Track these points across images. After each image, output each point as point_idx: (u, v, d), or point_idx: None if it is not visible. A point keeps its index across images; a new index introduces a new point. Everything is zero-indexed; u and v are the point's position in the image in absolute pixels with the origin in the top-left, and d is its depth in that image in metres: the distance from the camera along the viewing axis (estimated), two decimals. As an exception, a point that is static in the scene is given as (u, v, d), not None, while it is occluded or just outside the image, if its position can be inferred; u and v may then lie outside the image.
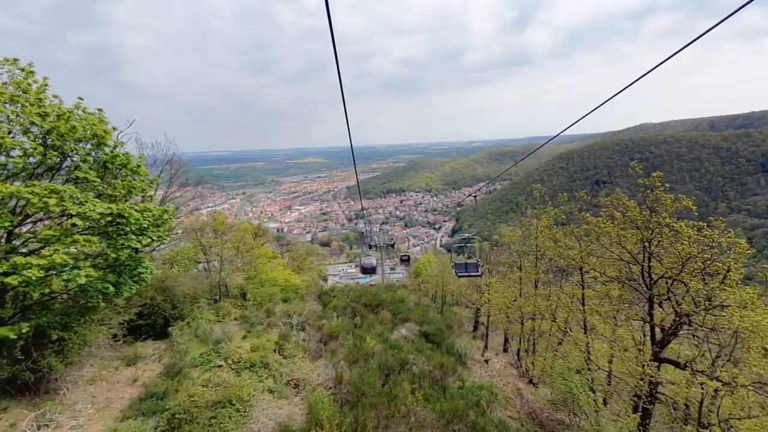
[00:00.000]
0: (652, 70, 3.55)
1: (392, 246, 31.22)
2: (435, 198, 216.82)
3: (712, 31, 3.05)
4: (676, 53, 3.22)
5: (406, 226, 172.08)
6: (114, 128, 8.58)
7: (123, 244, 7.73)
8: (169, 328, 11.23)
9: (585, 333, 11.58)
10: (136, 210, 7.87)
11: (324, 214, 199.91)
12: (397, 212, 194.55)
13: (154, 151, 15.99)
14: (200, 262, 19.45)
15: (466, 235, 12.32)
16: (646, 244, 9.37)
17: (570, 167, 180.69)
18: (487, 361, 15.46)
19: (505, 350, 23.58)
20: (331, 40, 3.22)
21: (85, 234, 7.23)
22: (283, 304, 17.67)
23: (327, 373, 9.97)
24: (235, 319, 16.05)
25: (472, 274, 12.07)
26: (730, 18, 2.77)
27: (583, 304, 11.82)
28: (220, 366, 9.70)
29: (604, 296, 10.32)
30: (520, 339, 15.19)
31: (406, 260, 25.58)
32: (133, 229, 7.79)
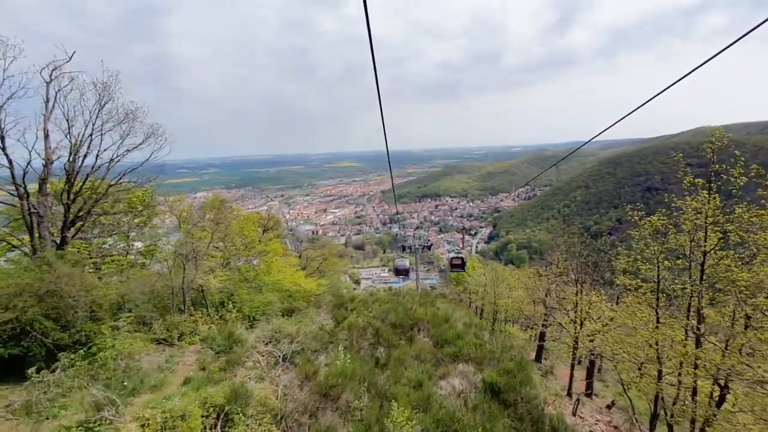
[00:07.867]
0: (700, 66, 3.22)
1: (429, 248, 25.79)
2: (471, 203, 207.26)
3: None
4: (724, 49, 2.98)
5: (440, 231, 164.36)
6: None
7: None
8: (29, 370, 6.07)
9: None
10: None
11: (358, 217, 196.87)
12: (432, 217, 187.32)
13: (101, 94, 11.28)
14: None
15: None
16: None
17: (618, 172, 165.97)
18: (593, 435, 9.36)
19: (588, 393, 17.01)
20: (369, 46, 3.25)
21: None
22: (279, 320, 12.36)
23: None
24: (202, 340, 10.93)
25: None
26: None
27: None
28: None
29: None
30: (658, 399, 8.90)
31: (458, 265, 19.48)
32: None
